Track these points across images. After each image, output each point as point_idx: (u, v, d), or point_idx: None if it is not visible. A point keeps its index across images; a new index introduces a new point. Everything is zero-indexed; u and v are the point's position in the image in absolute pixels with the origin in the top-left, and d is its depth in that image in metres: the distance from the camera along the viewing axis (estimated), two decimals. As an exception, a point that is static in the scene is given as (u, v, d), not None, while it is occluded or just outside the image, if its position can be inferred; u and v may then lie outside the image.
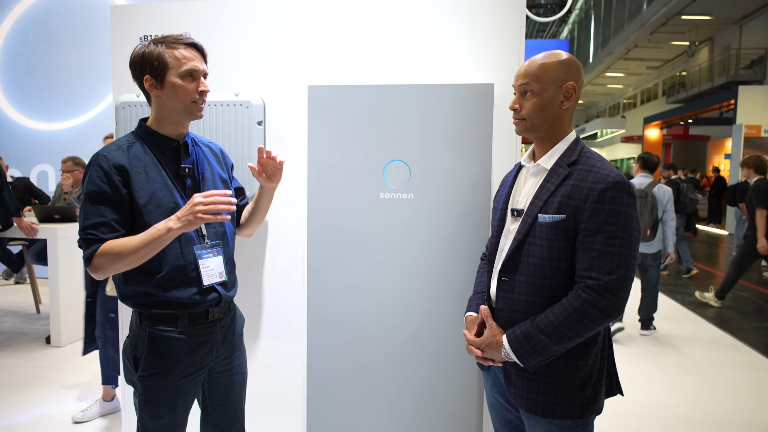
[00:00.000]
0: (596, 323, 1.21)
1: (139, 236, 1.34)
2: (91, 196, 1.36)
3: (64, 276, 3.95)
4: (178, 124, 1.47)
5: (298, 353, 2.13)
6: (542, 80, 1.31)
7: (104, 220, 1.35)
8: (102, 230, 1.35)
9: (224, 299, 1.52)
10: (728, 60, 14.30)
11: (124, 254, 1.32)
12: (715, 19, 14.34)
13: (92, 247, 1.34)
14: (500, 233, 1.43)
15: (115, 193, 1.36)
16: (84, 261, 1.38)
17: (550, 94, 1.32)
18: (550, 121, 1.34)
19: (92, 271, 1.37)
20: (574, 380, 1.28)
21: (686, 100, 16.80)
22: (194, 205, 1.33)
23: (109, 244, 1.34)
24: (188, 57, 1.41)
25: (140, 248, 1.33)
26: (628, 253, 1.22)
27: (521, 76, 1.35)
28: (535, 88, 1.32)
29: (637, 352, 4.07)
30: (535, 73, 1.32)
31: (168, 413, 1.45)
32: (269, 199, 1.71)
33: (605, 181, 1.23)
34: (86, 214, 1.36)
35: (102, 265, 1.34)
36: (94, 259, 1.34)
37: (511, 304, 1.34)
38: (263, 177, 1.64)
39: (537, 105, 1.32)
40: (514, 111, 1.38)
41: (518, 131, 1.41)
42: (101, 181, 1.35)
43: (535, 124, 1.35)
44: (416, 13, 1.98)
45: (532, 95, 1.33)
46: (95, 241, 1.34)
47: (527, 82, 1.33)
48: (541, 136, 1.37)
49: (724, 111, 14.87)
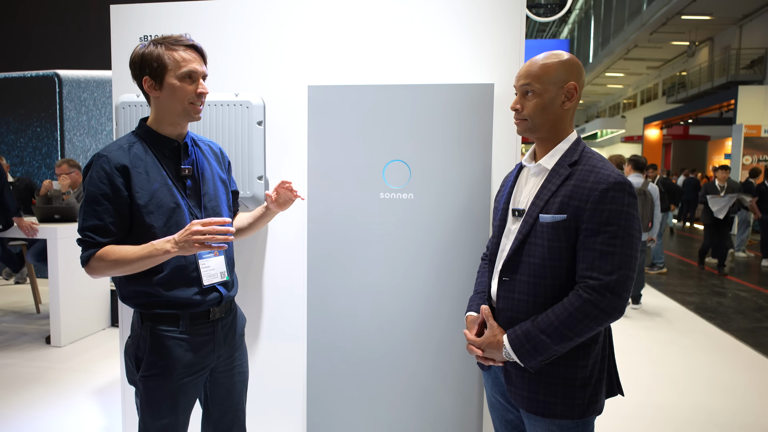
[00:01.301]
0: (597, 323, 1.21)
1: (137, 250, 1.36)
2: (91, 197, 1.37)
3: (64, 276, 3.94)
4: (177, 125, 1.47)
5: (298, 353, 2.14)
6: (544, 80, 1.31)
7: (101, 223, 1.36)
8: (99, 233, 1.37)
9: (225, 299, 1.52)
10: (728, 60, 14.31)
11: (119, 263, 1.36)
12: (715, 19, 14.34)
13: (89, 251, 1.38)
14: (501, 233, 1.43)
15: (116, 195, 1.37)
16: (81, 261, 1.41)
17: (551, 94, 1.32)
18: (551, 121, 1.34)
19: (88, 272, 1.41)
20: (574, 380, 1.28)
21: (686, 100, 16.80)
22: (192, 233, 1.32)
23: (106, 249, 1.36)
24: (187, 59, 1.41)
25: (135, 261, 1.35)
26: (629, 253, 1.22)
27: (522, 77, 1.34)
28: (537, 88, 1.32)
29: (637, 351, 4.07)
30: (536, 73, 1.32)
31: (170, 413, 1.45)
32: (270, 219, 1.75)
33: (606, 182, 1.23)
34: (85, 215, 1.37)
35: (97, 269, 1.38)
36: (90, 262, 1.38)
37: (512, 304, 1.34)
38: (275, 204, 1.67)
39: (538, 105, 1.32)
40: (515, 111, 1.38)
41: (519, 131, 1.41)
42: (102, 182, 1.36)
43: (536, 124, 1.35)
44: (416, 13, 1.98)
45: (534, 95, 1.33)
46: (92, 245, 1.37)
47: (529, 82, 1.32)
48: (543, 136, 1.36)
49: (724, 111, 14.87)
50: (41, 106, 5.21)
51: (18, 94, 5.26)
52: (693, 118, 16.73)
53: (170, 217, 1.42)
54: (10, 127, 5.43)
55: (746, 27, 14.43)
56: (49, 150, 5.42)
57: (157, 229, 1.39)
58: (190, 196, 1.48)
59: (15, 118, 5.31)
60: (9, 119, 5.41)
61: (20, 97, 5.24)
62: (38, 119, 5.25)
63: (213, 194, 1.54)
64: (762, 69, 13.50)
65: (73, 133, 5.30)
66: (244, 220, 1.75)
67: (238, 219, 1.74)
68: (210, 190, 1.54)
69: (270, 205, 1.68)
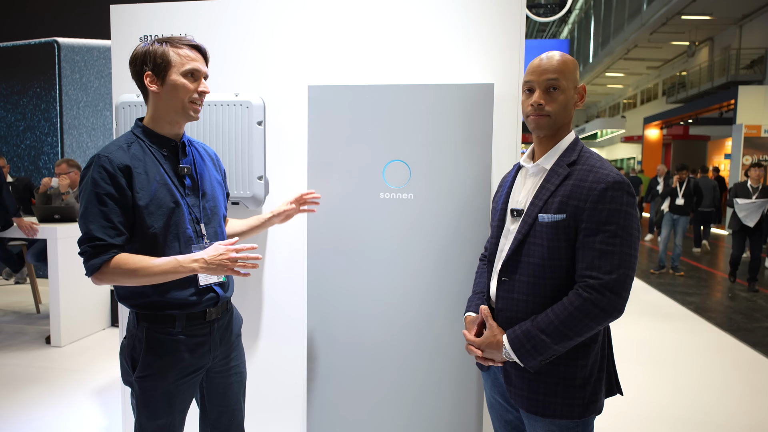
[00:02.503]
0: (597, 322, 1.22)
1: (160, 263, 1.33)
2: (95, 198, 1.32)
3: (64, 276, 3.94)
4: (175, 123, 1.46)
5: (298, 353, 2.13)
6: (567, 77, 1.30)
7: (110, 224, 1.32)
8: (110, 234, 1.32)
9: (222, 299, 1.52)
10: (728, 60, 14.30)
11: (137, 273, 1.31)
12: (715, 19, 14.34)
13: (102, 257, 1.31)
14: (500, 233, 1.43)
15: (121, 195, 1.34)
16: (88, 269, 1.32)
17: (571, 92, 1.31)
18: (567, 119, 1.34)
19: (97, 280, 1.34)
20: (574, 380, 1.28)
21: (686, 100, 16.79)
22: (228, 258, 1.35)
23: (123, 257, 1.32)
24: (191, 57, 1.43)
25: (156, 275, 1.33)
26: (629, 252, 1.22)
27: (548, 71, 1.29)
28: (563, 85, 1.29)
29: (636, 351, 4.07)
30: (561, 69, 1.29)
31: (165, 414, 1.44)
32: (264, 229, 1.89)
33: (605, 181, 1.23)
34: (91, 218, 1.31)
35: (110, 277, 1.33)
36: (102, 268, 1.31)
37: (512, 304, 1.34)
38: (280, 217, 1.83)
39: (563, 102, 1.30)
40: (536, 107, 1.31)
41: (535, 127, 1.34)
42: (105, 182, 1.32)
43: (557, 120, 1.32)
44: (416, 13, 1.98)
45: (560, 92, 1.30)
46: (105, 248, 1.31)
47: (556, 77, 1.29)
48: (551, 134, 1.35)
49: (724, 111, 14.86)
50: (42, 69, 6.22)
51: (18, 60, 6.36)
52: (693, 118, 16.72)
53: (170, 216, 1.40)
54: (14, 89, 6.36)
55: (746, 27, 14.42)
56: (47, 106, 6.22)
57: (156, 229, 1.38)
58: (189, 196, 1.47)
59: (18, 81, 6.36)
60: (14, 82, 6.36)
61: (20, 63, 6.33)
62: (38, 81, 6.25)
63: (211, 194, 1.54)
64: (762, 69, 13.50)
65: (69, 88, 6.15)
66: (236, 227, 1.76)
67: (230, 226, 1.75)
68: (208, 190, 1.53)
69: (274, 218, 1.76)
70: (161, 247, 1.39)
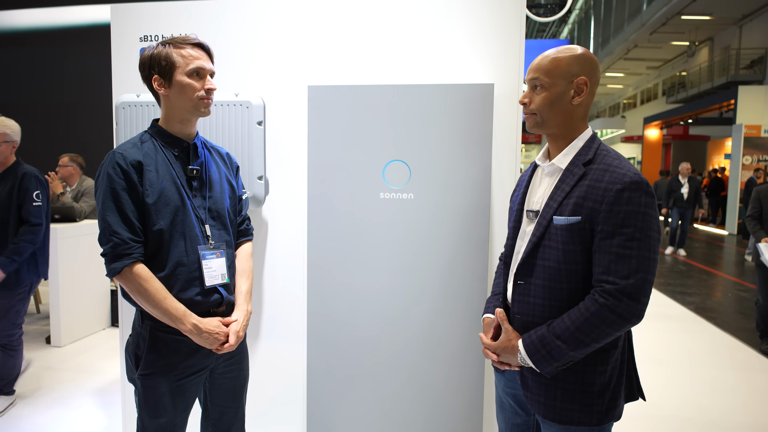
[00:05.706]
0: (615, 329, 1.17)
1: (170, 305, 1.38)
2: (110, 192, 1.36)
3: (64, 276, 3.94)
4: (187, 122, 1.49)
5: (298, 353, 2.14)
6: (552, 74, 1.28)
7: (126, 218, 1.36)
8: (126, 227, 1.36)
9: (226, 301, 1.52)
10: (728, 60, 14.30)
11: (144, 295, 1.37)
12: (715, 19, 14.34)
13: (122, 261, 1.36)
14: (516, 234, 1.40)
15: (132, 190, 1.38)
16: (109, 272, 1.38)
17: (560, 88, 1.28)
18: (560, 116, 1.30)
19: (119, 281, 1.40)
20: (592, 386, 1.24)
21: (686, 100, 16.79)
22: (219, 340, 1.44)
23: (145, 274, 1.37)
24: (195, 56, 1.44)
25: (160, 310, 1.38)
26: (647, 255, 1.16)
27: (532, 70, 1.31)
28: (545, 82, 1.29)
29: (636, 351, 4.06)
30: (546, 67, 1.29)
31: (167, 413, 1.45)
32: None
33: (622, 182, 1.18)
34: (108, 211, 1.36)
35: (125, 283, 1.38)
36: (124, 272, 1.36)
37: (527, 308, 1.30)
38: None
39: (546, 99, 1.29)
40: (524, 105, 1.34)
41: (529, 126, 1.36)
42: (119, 177, 1.37)
43: (545, 118, 1.31)
44: (416, 14, 1.98)
45: (542, 89, 1.30)
46: (124, 249, 1.35)
47: (537, 76, 1.30)
48: (553, 132, 1.33)
49: (724, 111, 14.86)
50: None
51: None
52: (693, 118, 16.72)
53: (176, 215, 1.42)
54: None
55: (746, 27, 14.42)
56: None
57: (163, 226, 1.40)
58: (196, 197, 1.49)
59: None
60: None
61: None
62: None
63: (219, 197, 1.56)
64: (762, 69, 13.50)
65: None
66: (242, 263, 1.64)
67: (240, 261, 1.64)
68: (216, 193, 1.55)
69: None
70: (167, 245, 1.42)
